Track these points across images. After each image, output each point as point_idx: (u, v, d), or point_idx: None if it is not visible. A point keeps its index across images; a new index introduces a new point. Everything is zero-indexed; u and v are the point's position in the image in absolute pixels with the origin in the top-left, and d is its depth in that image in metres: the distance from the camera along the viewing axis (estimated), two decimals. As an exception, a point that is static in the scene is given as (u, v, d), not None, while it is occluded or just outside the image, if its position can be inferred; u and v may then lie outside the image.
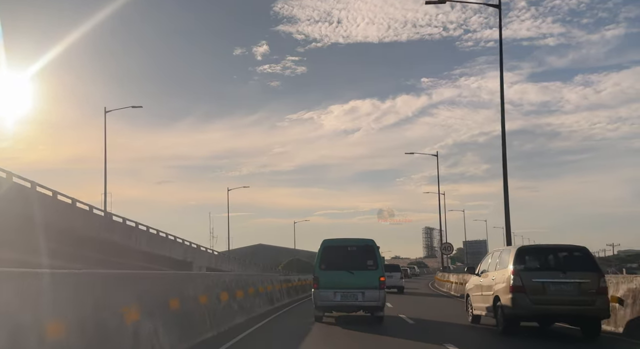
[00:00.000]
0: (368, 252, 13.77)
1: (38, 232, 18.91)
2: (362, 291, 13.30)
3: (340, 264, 13.65)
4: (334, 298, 13.40)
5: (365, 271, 13.53)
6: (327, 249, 13.98)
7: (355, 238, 14.52)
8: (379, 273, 13.49)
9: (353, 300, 13.37)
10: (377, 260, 13.68)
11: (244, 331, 11.40)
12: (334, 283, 13.45)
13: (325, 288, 13.50)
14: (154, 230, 33.82)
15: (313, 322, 13.60)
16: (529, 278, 10.58)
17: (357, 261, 13.69)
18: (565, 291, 10.42)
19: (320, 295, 13.55)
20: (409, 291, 30.85)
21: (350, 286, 13.37)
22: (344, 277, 13.47)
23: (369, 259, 13.66)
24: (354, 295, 13.33)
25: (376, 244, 13.98)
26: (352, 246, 14.05)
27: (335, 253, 13.91)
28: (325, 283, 13.54)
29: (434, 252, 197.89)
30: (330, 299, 13.44)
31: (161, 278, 9.59)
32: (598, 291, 10.40)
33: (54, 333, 5.12)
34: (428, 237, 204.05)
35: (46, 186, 21.36)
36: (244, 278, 15.73)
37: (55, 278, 5.52)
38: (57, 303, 5.35)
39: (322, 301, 13.54)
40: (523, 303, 10.50)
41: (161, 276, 9.95)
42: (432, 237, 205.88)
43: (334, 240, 14.41)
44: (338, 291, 13.39)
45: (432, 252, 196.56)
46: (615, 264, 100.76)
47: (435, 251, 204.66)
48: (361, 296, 13.30)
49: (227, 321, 11.66)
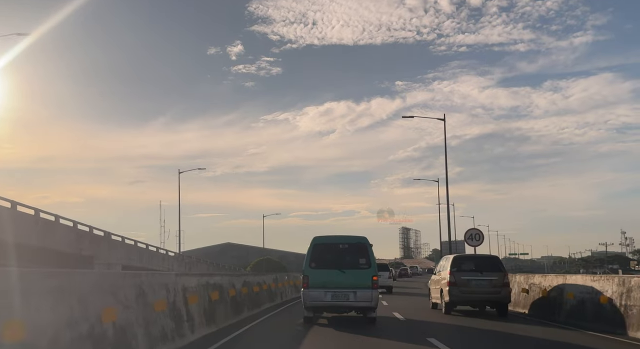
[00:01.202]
0: (360, 250, 13.54)
1: None
2: (353, 291, 13.05)
3: (331, 263, 13.41)
4: (324, 297, 13.13)
5: (358, 269, 13.29)
6: (317, 247, 13.65)
7: (347, 235, 14.30)
8: (371, 272, 13.24)
9: (344, 300, 13.11)
10: (370, 259, 13.42)
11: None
12: (325, 282, 13.20)
13: (315, 288, 13.21)
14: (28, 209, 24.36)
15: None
16: (459, 276, 16.09)
17: (349, 259, 13.47)
18: (482, 285, 15.98)
19: (309, 295, 13.25)
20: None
21: (341, 285, 13.11)
22: (334, 276, 13.22)
23: (362, 258, 13.43)
24: (345, 295, 13.06)
25: (369, 242, 13.77)
26: (344, 243, 13.77)
27: (326, 251, 13.62)
28: (315, 282, 13.25)
29: (410, 253, 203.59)
30: (321, 299, 13.16)
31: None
32: (503, 285, 15.97)
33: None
34: (405, 237, 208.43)
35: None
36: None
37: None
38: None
39: (311, 301, 13.25)
40: (455, 293, 16.00)
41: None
42: (408, 237, 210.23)
43: (325, 237, 14.09)
44: (329, 291, 13.13)
45: (409, 253, 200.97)
46: (597, 265, 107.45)
47: (411, 251, 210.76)
48: (353, 296, 13.05)
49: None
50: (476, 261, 17.08)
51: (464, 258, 17.61)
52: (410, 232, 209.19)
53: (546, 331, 12.50)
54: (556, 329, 12.62)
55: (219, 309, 12.47)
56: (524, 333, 12.15)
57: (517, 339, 11.43)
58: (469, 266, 16.61)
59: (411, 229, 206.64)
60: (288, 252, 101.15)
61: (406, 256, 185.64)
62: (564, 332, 12.11)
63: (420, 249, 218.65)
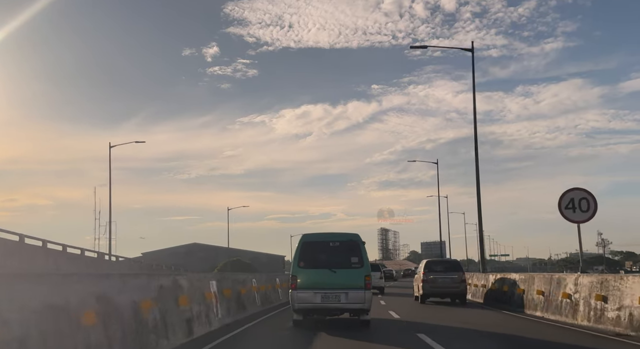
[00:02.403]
0: (352, 248, 13.01)
1: None
2: (345, 292, 12.54)
3: (321, 262, 12.89)
4: (313, 299, 12.60)
5: (349, 269, 12.77)
6: (306, 245, 13.07)
7: (338, 233, 13.80)
8: (364, 272, 12.71)
9: (335, 302, 12.58)
10: (363, 257, 12.88)
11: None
12: (314, 282, 12.69)
13: (304, 288, 12.68)
14: None
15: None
16: (429, 275, 22.03)
17: (340, 258, 12.93)
18: (446, 282, 21.89)
19: (298, 296, 12.72)
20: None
21: (332, 286, 12.60)
22: (325, 276, 12.68)
23: (354, 256, 12.90)
24: (336, 296, 12.55)
25: (362, 240, 13.25)
26: (335, 241, 13.21)
27: (316, 249, 13.06)
28: (304, 282, 12.74)
29: (389, 255, 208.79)
30: (310, 300, 12.63)
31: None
32: (461, 281, 21.93)
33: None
34: (383, 239, 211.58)
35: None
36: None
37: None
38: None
39: (300, 303, 12.74)
40: (427, 288, 21.94)
41: None
42: (387, 239, 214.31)
43: (314, 235, 13.60)
44: (318, 292, 12.58)
45: (388, 255, 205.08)
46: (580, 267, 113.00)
47: (390, 252, 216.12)
48: (344, 297, 12.55)
49: None
50: (443, 264, 23.12)
51: (433, 262, 23.63)
52: (389, 233, 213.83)
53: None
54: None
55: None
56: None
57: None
58: (437, 268, 22.54)
59: (390, 231, 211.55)
60: (260, 253, 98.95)
61: (385, 258, 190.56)
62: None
63: (399, 251, 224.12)
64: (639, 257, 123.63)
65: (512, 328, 13.12)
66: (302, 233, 14.00)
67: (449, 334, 11.99)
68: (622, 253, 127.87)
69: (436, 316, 16.52)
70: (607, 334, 11.23)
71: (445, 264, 23.19)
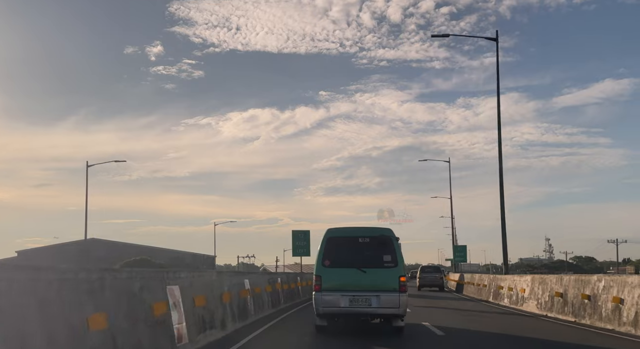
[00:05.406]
0: (385, 245, 11.81)
1: None
2: (376, 295, 11.38)
3: (349, 260, 11.72)
4: (340, 302, 11.47)
5: (381, 268, 11.59)
6: (331, 241, 11.96)
7: (367, 227, 12.77)
8: (398, 272, 11.54)
9: (365, 306, 11.42)
10: (397, 255, 11.65)
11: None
12: (341, 283, 11.58)
13: (330, 291, 11.56)
14: None
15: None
16: (422, 275, 35.08)
17: (370, 256, 11.76)
18: (432, 278, 34.99)
19: (322, 299, 11.59)
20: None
21: (361, 287, 11.46)
22: (353, 276, 11.55)
23: (386, 254, 11.68)
24: (366, 299, 11.40)
25: (395, 235, 12.02)
26: (364, 237, 12.03)
27: (343, 246, 11.93)
28: (329, 283, 11.62)
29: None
30: (336, 304, 11.51)
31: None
32: (441, 278, 35.40)
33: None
34: None
35: None
36: None
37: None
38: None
39: (325, 307, 11.60)
40: (422, 281, 35.36)
41: None
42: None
43: (341, 230, 12.45)
44: (346, 294, 11.45)
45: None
46: (545, 271, 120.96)
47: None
48: (376, 300, 11.38)
49: None
50: (430, 268, 36.76)
51: (425, 267, 36.99)
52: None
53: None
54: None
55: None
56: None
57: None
58: (426, 270, 35.73)
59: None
60: (185, 252, 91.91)
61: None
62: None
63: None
64: (597, 262, 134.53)
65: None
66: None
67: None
68: (582, 258, 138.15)
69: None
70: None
71: (431, 268, 36.88)
